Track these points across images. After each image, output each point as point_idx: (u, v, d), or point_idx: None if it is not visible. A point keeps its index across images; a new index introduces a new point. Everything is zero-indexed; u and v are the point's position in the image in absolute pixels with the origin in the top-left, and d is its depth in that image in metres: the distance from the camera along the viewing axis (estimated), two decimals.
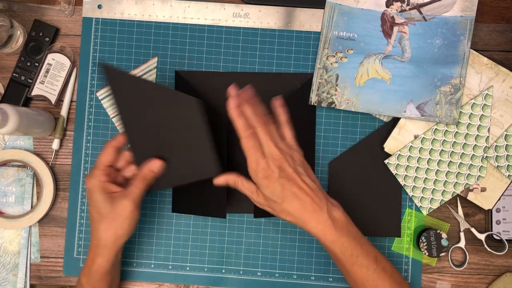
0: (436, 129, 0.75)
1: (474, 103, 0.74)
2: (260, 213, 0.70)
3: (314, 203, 0.63)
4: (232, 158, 0.75)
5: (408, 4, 0.75)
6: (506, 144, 0.75)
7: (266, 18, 0.77)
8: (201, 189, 0.73)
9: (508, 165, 0.75)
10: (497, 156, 0.75)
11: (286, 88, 0.77)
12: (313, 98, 0.75)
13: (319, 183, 0.67)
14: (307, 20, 0.77)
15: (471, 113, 0.74)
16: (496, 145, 0.75)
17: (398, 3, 0.75)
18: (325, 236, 0.64)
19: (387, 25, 0.75)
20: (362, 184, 0.76)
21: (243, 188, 0.67)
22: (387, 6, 0.75)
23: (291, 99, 0.73)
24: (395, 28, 0.75)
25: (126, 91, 0.67)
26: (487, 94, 0.74)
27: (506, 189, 0.75)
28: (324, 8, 0.76)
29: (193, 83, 0.77)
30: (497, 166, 0.75)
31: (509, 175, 0.75)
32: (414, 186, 0.75)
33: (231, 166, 0.73)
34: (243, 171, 0.67)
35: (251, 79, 0.77)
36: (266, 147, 0.64)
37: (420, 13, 0.75)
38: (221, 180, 0.68)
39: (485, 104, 0.74)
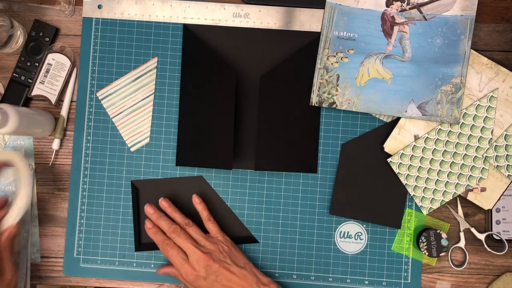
0: (439, 129, 0.75)
1: (478, 104, 0.74)
2: (261, 165, 0.75)
3: None
4: (240, 108, 0.77)
5: (408, 4, 0.75)
6: (506, 144, 0.75)
7: (266, 18, 0.77)
8: (207, 140, 0.74)
9: (508, 165, 0.75)
10: (497, 156, 0.75)
11: (294, 45, 0.77)
12: (314, 99, 0.75)
13: (251, 264, 0.71)
14: (307, 20, 0.77)
15: (475, 115, 0.74)
16: (496, 145, 0.75)
17: (398, 3, 0.75)
18: None
19: (388, 24, 0.75)
20: (372, 170, 0.76)
21: (183, 280, 0.71)
22: (387, 5, 0.75)
23: (298, 56, 0.75)
24: (396, 28, 0.75)
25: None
26: (492, 96, 0.74)
27: (506, 189, 0.75)
28: (324, 8, 0.76)
29: (202, 36, 0.77)
30: (497, 166, 0.75)
31: (509, 175, 0.75)
32: (415, 185, 0.75)
33: (237, 118, 0.77)
34: (250, 122, 0.76)
35: (258, 35, 0.77)
36: (188, 251, 0.69)
37: (420, 12, 0.74)
38: (163, 272, 0.74)
39: (489, 106, 0.74)
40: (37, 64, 0.77)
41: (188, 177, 0.77)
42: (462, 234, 0.76)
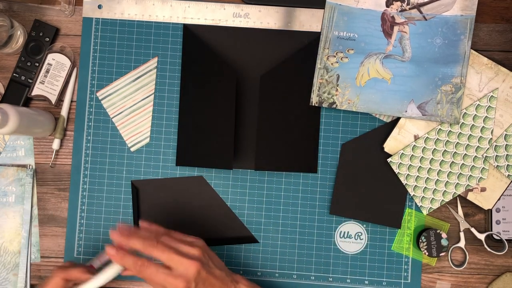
0: (439, 129, 0.75)
1: (478, 104, 0.74)
2: (261, 165, 0.75)
3: None
4: (240, 108, 0.77)
5: (408, 4, 0.75)
6: (506, 144, 0.75)
7: (266, 18, 0.77)
8: (207, 140, 0.75)
9: (507, 165, 0.75)
10: (496, 156, 0.75)
11: (294, 45, 0.77)
12: (314, 99, 0.75)
13: (223, 263, 0.67)
14: (307, 20, 0.77)
15: (475, 115, 0.74)
16: (496, 145, 0.75)
17: (398, 3, 0.75)
18: None
19: (387, 24, 0.75)
20: (372, 170, 0.76)
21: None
22: (387, 5, 0.75)
23: (298, 56, 0.75)
24: (396, 28, 0.75)
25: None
26: (492, 96, 0.74)
27: (506, 189, 0.75)
28: (324, 8, 0.76)
29: (202, 36, 0.77)
30: (497, 166, 0.75)
31: (508, 175, 0.75)
32: (415, 185, 0.75)
33: (238, 118, 0.76)
34: (250, 122, 0.76)
35: (258, 35, 0.77)
36: (172, 262, 0.61)
37: (420, 12, 0.75)
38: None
39: (489, 106, 0.74)
40: (37, 64, 0.77)
41: (188, 177, 0.77)
42: (462, 234, 0.76)
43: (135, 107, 0.78)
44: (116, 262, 0.62)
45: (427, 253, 0.74)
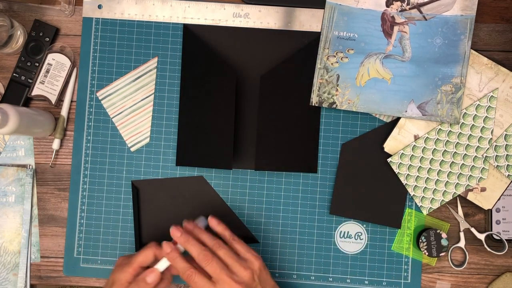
0: (439, 129, 0.75)
1: (478, 104, 0.74)
2: (261, 165, 0.75)
3: None
4: (240, 108, 0.77)
5: (408, 4, 0.75)
6: (506, 144, 0.75)
7: (266, 18, 0.77)
8: (207, 140, 0.75)
9: (507, 165, 0.75)
10: (496, 156, 0.75)
11: (294, 45, 0.77)
12: (314, 99, 0.75)
13: (275, 282, 0.67)
14: (307, 20, 0.77)
15: (475, 115, 0.74)
16: (496, 145, 0.75)
17: (398, 3, 0.75)
18: None
19: (387, 24, 0.75)
20: (372, 170, 0.76)
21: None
22: (387, 5, 0.75)
23: (298, 56, 0.75)
24: (396, 28, 0.75)
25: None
26: (492, 96, 0.74)
27: (506, 189, 0.75)
28: (324, 8, 0.76)
29: (202, 36, 0.77)
30: (497, 166, 0.75)
31: (508, 175, 0.75)
32: (415, 185, 0.75)
33: (238, 118, 0.77)
34: (250, 122, 0.76)
35: (258, 35, 0.77)
36: (219, 279, 0.62)
37: (420, 12, 0.75)
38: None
39: (489, 106, 0.74)
40: (37, 64, 0.77)
41: (188, 177, 0.77)
42: (462, 234, 0.76)
43: (135, 107, 0.78)
44: (168, 259, 0.65)
45: (427, 253, 0.74)
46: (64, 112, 0.78)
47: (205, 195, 0.77)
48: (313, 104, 0.75)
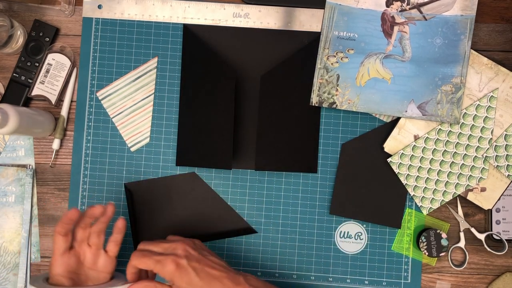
0: (439, 129, 0.75)
1: (478, 104, 0.74)
2: (261, 165, 0.75)
3: (231, 279, 0.62)
4: (240, 108, 0.77)
5: (408, 4, 0.75)
6: (506, 144, 0.75)
7: (266, 18, 0.77)
8: (207, 140, 0.75)
9: (507, 165, 0.75)
10: (496, 156, 0.75)
11: (293, 45, 0.77)
12: (314, 99, 0.75)
13: (225, 261, 0.66)
14: (307, 20, 0.77)
15: (475, 115, 0.74)
16: (495, 145, 0.75)
17: (398, 3, 0.75)
18: None
19: (388, 24, 0.75)
20: (372, 170, 0.76)
21: None
22: (387, 5, 0.75)
23: (298, 56, 0.76)
24: (396, 28, 0.75)
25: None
26: (492, 96, 0.74)
27: (506, 189, 0.75)
28: (324, 8, 0.76)
29: (202, 36, 0.77)
30: (497, 166, 0.75)
31: (508, 175, 0.75)
32: (415, 185, 0.75)
33: (237, 118, 0.77)
34: (250, 122, 0.76)
35: (258, 35, 0.77)
36: (160, 247, 0.63)
37: (420, 12, 0.75)
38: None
39: (489, 106, 0.74)
40: (37, 64, 0.77)
41: (180, 174, 0.77)
42: (462, 234, 0.76)
43: (135, 107, 0.78)
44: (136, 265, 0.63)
45: (427, 253, 0.74)
46: (64, 112, 0.78)
47: (199, 191, 0.77)
48: (313, 104, 0.75)
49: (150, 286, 0.63)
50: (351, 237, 0.77)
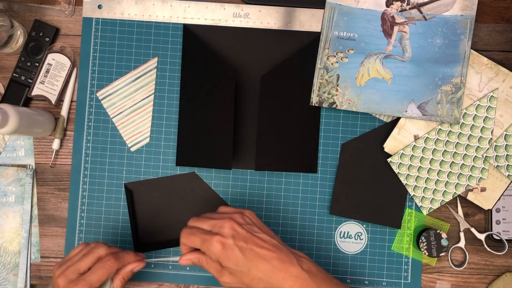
0: (439, 129, 0.75)
1: (478, 104, 0.74)
2: (261, 165, 0.75)
3: (282, 260, 0.59)
4: (240, 108, 0.77)
5: (408, 4, 0.75)
6: (506, 144, 0.75)
7: (266, 18, 0.77)
8: (207, 140, 0.75)
9: (507, 165, 0.75)
10: (496, 156, 0.75)
11: (293, 45, 0.77)
12: (314, 99, 0.75)
13: (279, 238, 0.63)
14: (307, 20, 0.77)
15: (475, 115, 0.74)
16: (495, 145, 0.75)
17: (398, 3, 0.75)
18: None
19: (388, 24, 0.75)
20: (372, 170, 0.76)
21: (208, 266, 0.61)
22: (387, 5, 0.75)
23: (298, 56, 0.76)
24: (396, 28, 0.75)
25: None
26: (492, 96, 0.74)
27: (506, 189, 0.75)
28: (324, 8, 0.76)
29: (202, 36, 0.77)
30: (497, 166, 0.75)
31: (508, 175, 0.75)
32: (415, 185, 0.75)
33: (237, 118, 0.77)
34: (250, 122, 0.76)
35: (258, 35, 0.77)
36: (208, 224, 0.61)
37: (420, 12, 0.75)
38: (185, 260, 0.63)
39: (489, 106, 0.74)
40: (37, 64, 0.77)
41: (180, 174, 0.77)
42: (462, 234, 0.76)
43: (135, 107, 0.78)
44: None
45: (427, 253, 0.74)
46: (64, 112, 0.78)
47: (198, 190, 0.77)
48: (313, 104, 0.75)
49: (201, 259, 0.62)
50: (351, 237, 0.77)
